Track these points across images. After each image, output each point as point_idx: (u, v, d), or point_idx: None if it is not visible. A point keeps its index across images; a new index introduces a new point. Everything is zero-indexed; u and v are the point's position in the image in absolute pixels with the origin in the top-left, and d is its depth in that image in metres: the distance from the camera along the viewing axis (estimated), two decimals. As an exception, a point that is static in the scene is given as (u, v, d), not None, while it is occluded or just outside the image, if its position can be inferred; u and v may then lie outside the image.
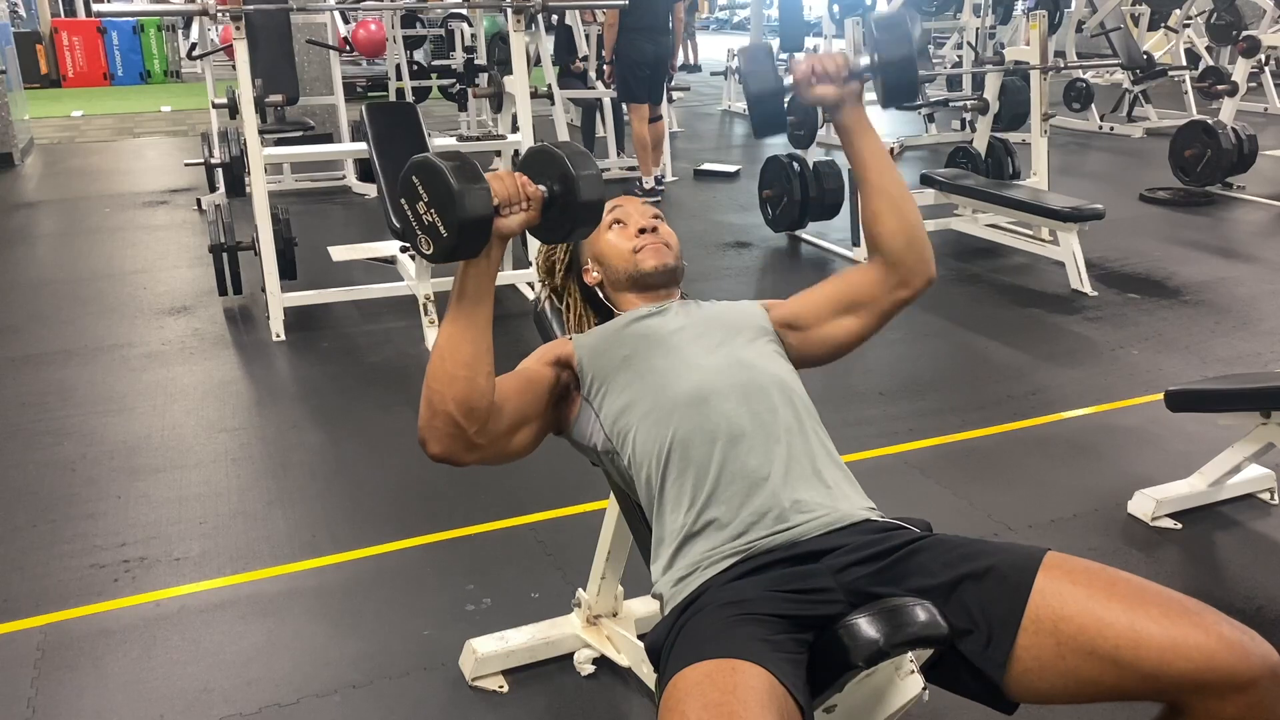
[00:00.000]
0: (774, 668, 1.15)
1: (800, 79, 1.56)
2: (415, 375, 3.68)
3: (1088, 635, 1.18)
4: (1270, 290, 4.50)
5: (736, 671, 1.13)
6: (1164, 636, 1.14)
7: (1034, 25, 5.29)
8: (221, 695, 1.97)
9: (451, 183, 1.23)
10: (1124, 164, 7.61)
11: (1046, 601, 1.21)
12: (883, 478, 2.79)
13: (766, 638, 1.20)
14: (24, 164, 7.61)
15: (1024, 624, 1.21)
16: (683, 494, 1.39)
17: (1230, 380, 2.70)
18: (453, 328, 1.33)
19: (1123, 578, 1.23)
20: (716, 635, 1.21)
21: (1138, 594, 1.19)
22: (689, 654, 1.20)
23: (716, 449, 1.39)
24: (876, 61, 1.54)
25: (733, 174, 7.16)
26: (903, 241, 1.56)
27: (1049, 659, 1.20)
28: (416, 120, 4.21)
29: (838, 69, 1.54)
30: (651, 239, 1.66)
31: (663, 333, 1.54)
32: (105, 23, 12.97)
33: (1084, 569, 1.25)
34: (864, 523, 1.40)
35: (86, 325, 4.09)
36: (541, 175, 1.35)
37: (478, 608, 2.23)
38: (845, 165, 5.19)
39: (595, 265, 1.71)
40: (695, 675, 1.15)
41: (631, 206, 1.71)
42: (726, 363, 1.49)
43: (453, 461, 1.38)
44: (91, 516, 2.63)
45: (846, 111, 1.57)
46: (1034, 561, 1.26)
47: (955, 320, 4.12)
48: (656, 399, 1.45)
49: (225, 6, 3.79)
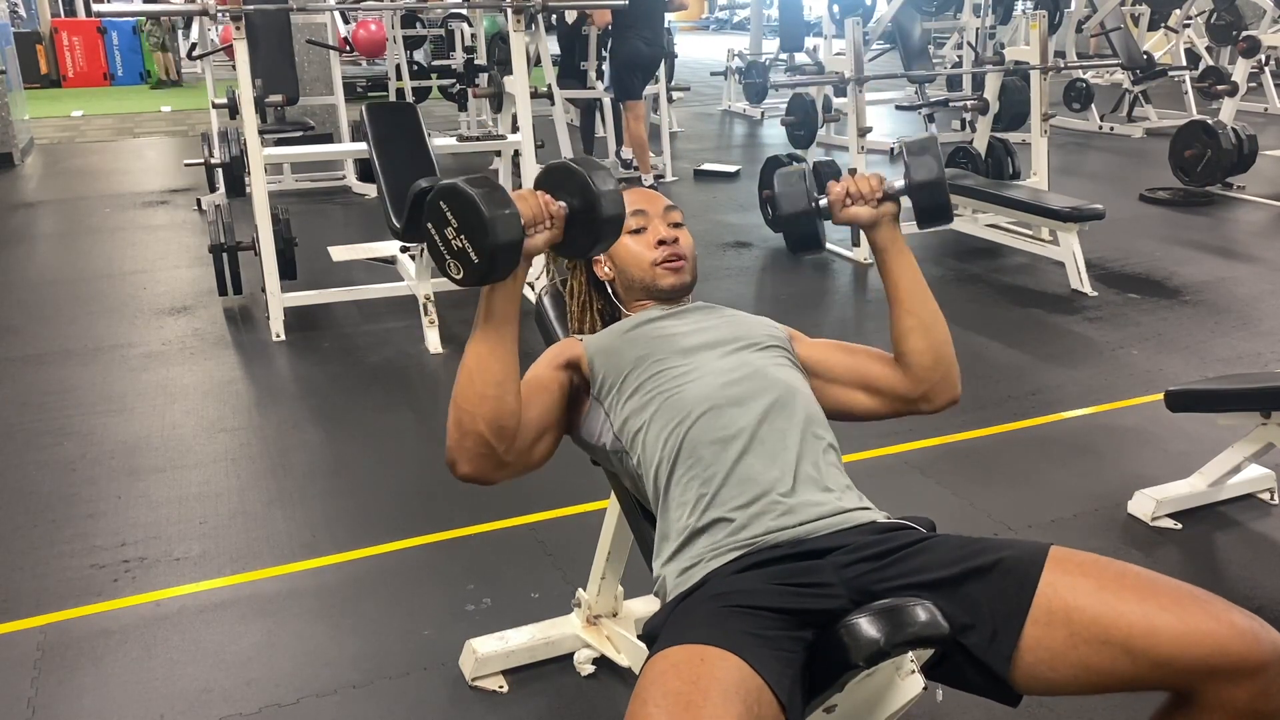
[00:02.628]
0: (753, 659, 1.14)
1: (835, 200, 1.57)
2: (415, 375, 3.70)
3: (1101, 625, 1.19)
4: (1270, 290, 4.50)
5: (704, 661, 1.13)
6: (1177, 624, 1.15)
7: (1034, 25, 5.30)
8: (221, 695, 1.97)
9: (483, 210, 1.23)
10: (1124, 164, 7.61)
11: (1058, 593, 1.22)
12: (883, 478, 2.79)
13: (755, 631, 1.19)
14: (24, 164, 7.61)
15: (1034, 616, 1.22)
16: (688, 494, 1.40)
17: (1230, 380, 2.70)
18: (481, 347, 1.34)
19: (1131, 569, 1.24)
20: (700, 623, 1.22)
21: (1148, 584, 1.21)
22: (669, 640, 1.20)
23: (726, 453, 1.39)
24: (909, 184, 1.56)
25: (733, 174, 7.16)
26: (930, 360, 1.58)
27: (1061, 649, 1.21)
28: (416, 120, 4.21)
29: (872, 191, 1.56)
30: (671, 253, 1.65)
31: (677, 335, 1.55)
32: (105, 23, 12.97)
33: (1092, 561, 1.26)
34: (869, 524, 1.40)
35: (86, 325, 4.09)
36: (561, 191, 1.35)
37: (478, 608, 2.23)
38: (846, 166, 5.20)
39: (609, 262, 1.70)
40: (663, 664, 1.15)
41: (653, 209, 1.69)
42: (739, 368, 1.49)
43: (482, 481, 1.39)
44: (91, 516, 2.63)
45: (881, 232, 1.58)
46: (1040, 555, 1.27)
47: (955, 320, 4.07)
48: (669, 401, 1.45)
49: (225, 6, 3.79)
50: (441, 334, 3.83)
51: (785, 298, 4.49)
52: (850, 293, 4.63)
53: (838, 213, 1.58)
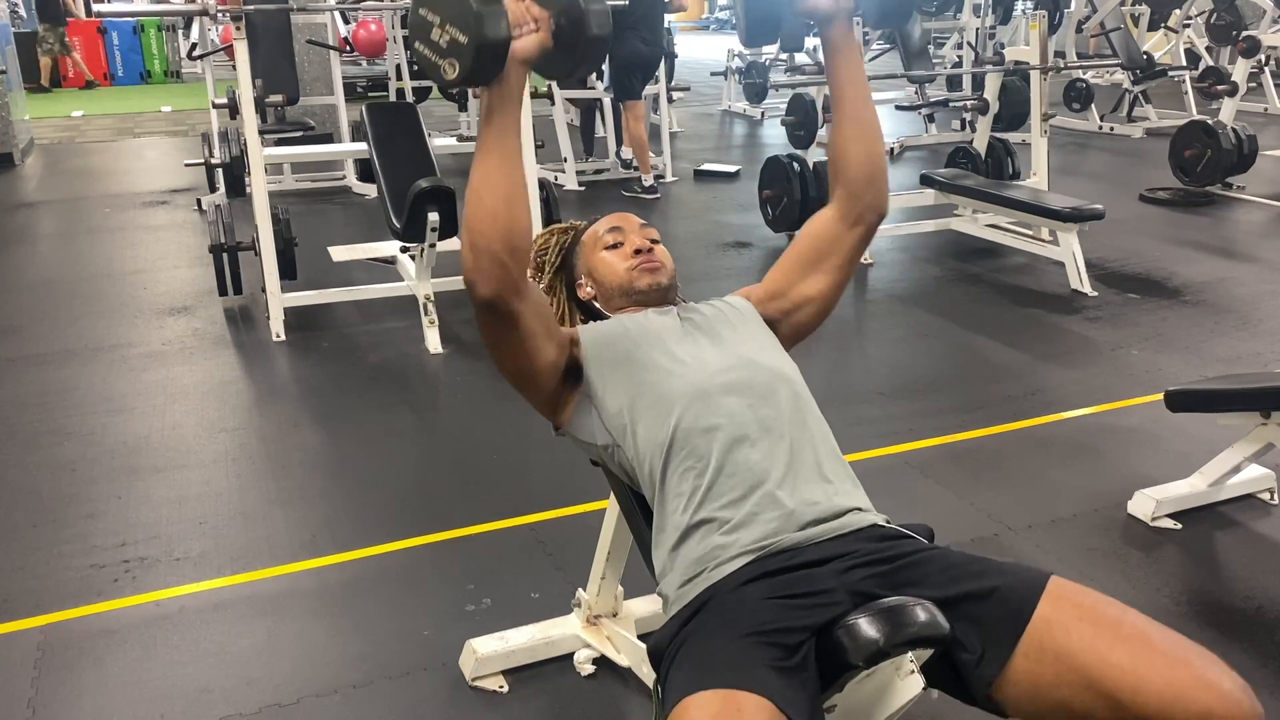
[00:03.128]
0: (780, 699, 1.14)
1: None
2: (415, 375, 3.71)
3: (1089, 672, 1.19)
4: (1270, 290, 4.50)
5: (741, 712, 1.12)
6: (1165, 687, 1.15)
7: (1034, 25, 5.29)
8: (221, 695, 1.97)
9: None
10: (1124, 164, 7.61)
11: (1052, 632, 1.22)
12: (883, 478, 2.78)
13: (777, 663, 1.19)
14: (24, 164, 7.61)
15: (1025, 649, 1.23)
16: (684, 485, 1.40)
17: (1230, 380, 2.70)
18: (485, 164, 1.34)
19: (1129, 617, 1.24)
20: (722, 662, 1.20)
21: (1142, 636, 1.21)
22: (693, 677, 1.19)
23: (718, 442, 1.40)
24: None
25: (733, 174, 7.16)
26: (866, 172, 1.61)
27: (1046, 685, 1.22)
28: (416, 120, 4.21)
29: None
30: (646, 259, 1.68)
31: (665, 330, 1.56)
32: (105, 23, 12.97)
33: (1091, 603, 1.25)
34: (871, 528, 1.40)
35: (86, 325, 4.09)
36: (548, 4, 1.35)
37: (478, 608, 2.24)
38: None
39: (589, 281, 1.73)
40: (701, 716, 1.13)
41: (629, 227, 1.73)
42: (729, 357, 1.51)
43: (501, 305, 1.36)
44: (91, 516, 2.63)
45: (837, 26, 1.58)
46: (1037, 588, 1.26)
47: (955, 320, 4.12)
48: (659, 393, 1.46)
49: (225, 6, 3.79)
50: (441, 334, 3.83)
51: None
52: (850, 293, 4.63)
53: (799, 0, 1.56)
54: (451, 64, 1.27)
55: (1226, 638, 2.09)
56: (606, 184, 6.83)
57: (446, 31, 1.26)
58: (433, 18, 1.27)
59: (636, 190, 6.45)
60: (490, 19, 1.25)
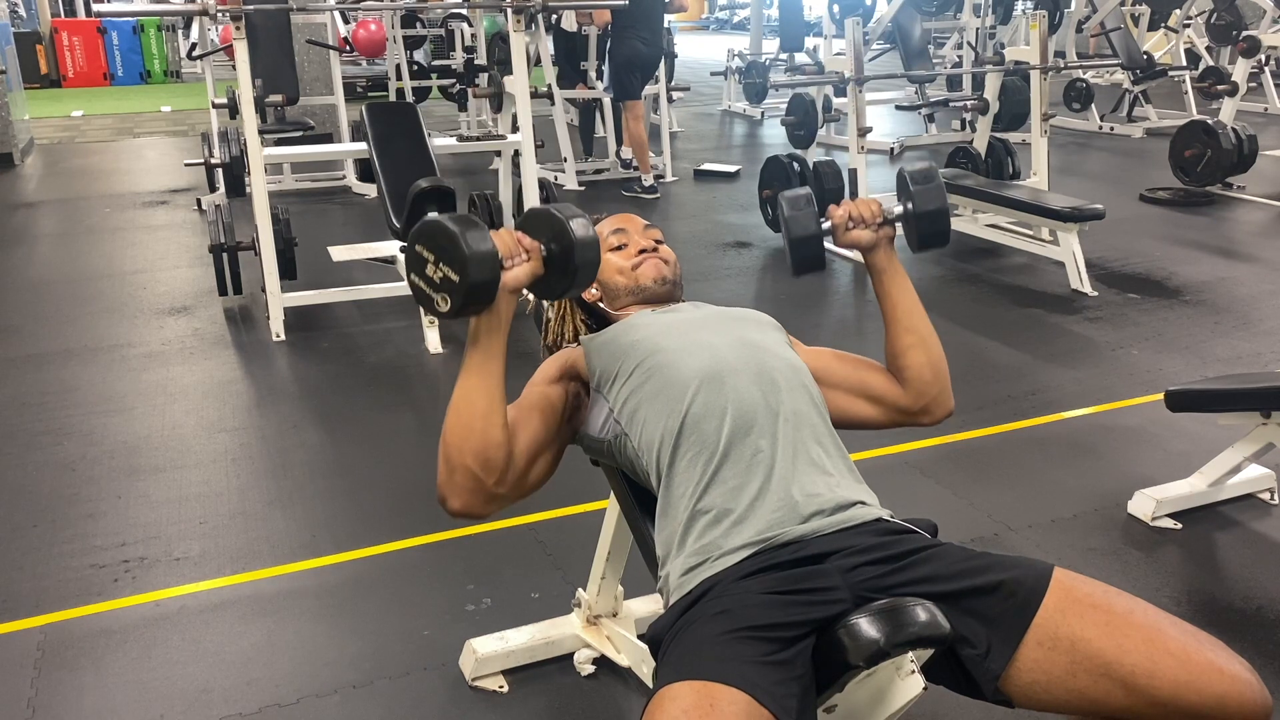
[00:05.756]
0: (761, 693, 1.14)
1: (838, 223, 1.62)
2: (415, 375, 3.70)
3: (1104, 660, 1.21)
4: (1270, 290, 4.50)
5: (714, 707, 1.12)
6: (1180, 671, 1.18)
7: (1034, 25, 5.29)
8: (221, 695, 1.97)
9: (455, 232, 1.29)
10: (1124, 164, 7.61)
11: (1066, 620, 1.24)
12: (883, 478, 2.76)
13: (763, 659, 1.19)
14: (24, 164, 7.61)
15: (1037, 639, 1.24)
16: (693, 468, 1.40)
17: (1230, 380, 2.70)
18: (466, 383, 1.37)
19: (1139, 605, 1.26)
20: (708, 653, 1.21)
21: (1154, 624, 1.23)
22: (678, 667, 1.20)
23: (726, 425, 1.40)
24: (911, 210, 1.61)
25: (733, 174, 7.16)
26: (930, 375, 1.63)
27: (1060, 675, 1.23)
28: (416, 120, 4.21)
29: (873, 215, 1.61)
30: (651, 257, 1.70)
31: (672, 320, 1.58)
32: (105, 23, 12.97)
33: (1101, 593, 1.27)
34: (875, 522, 1.40)
35: (86, 325, 4.09)
36: (539, 234, 1.40)
37: (478, 608, 2.23)
38: (846, 165, 5.19)
39: (594, 283, 1.72)
40: (673, 709, 1.13)
41: (633, 228, 1.74)
42: (737, 343, 1.52)
43: (473, 516, 1.41)
44: (91, 516, 2.63)
45: (879, 254, 1.64)
46: (1044, 580, 1.28)
47: (955, 320, 4.12)
48: (667, 376, 1.46)
49: (225, 6, 3.79)
50: (441, 334, 3.83)
51: (785, 298, 4.48)
52: (850, 293, 4.63)
53: (841, 235, 1.63)
54: (444, 298, 1.32)
55: (1226, 637, 2.06)
56: (606, 184, 6.83)
57: (440, 269, 1.31)
58: (428, 255, 1.32)
59: (636, 190, 6.45)
60: (481, 262, 1.30)
